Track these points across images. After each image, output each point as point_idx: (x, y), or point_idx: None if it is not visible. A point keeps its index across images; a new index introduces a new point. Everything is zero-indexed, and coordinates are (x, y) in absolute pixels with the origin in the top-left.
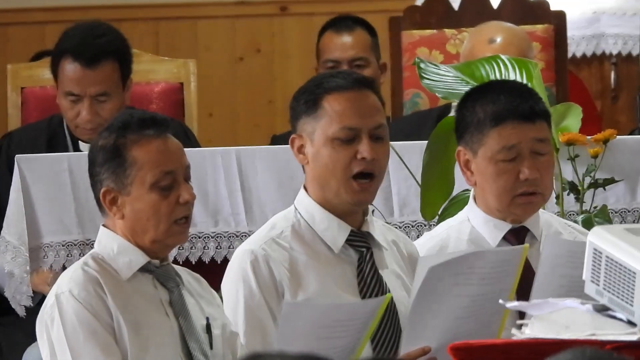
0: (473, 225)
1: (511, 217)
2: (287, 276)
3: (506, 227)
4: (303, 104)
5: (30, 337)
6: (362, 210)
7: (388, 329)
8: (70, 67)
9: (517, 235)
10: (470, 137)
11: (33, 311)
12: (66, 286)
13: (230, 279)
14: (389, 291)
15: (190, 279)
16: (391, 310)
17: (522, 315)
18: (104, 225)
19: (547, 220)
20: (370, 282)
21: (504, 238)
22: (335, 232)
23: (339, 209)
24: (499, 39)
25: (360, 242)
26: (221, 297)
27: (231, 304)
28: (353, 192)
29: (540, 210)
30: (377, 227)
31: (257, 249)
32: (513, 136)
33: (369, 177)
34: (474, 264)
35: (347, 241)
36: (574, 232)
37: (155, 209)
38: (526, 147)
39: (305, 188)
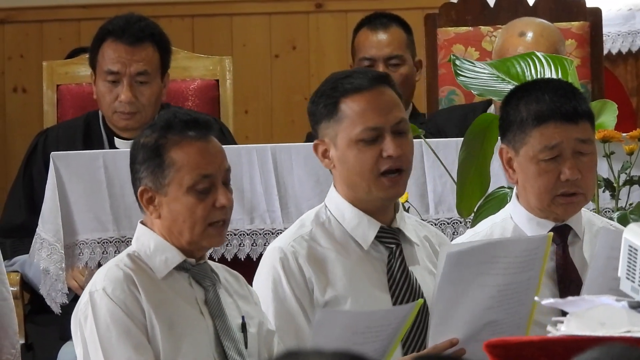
0: (516, 223)
1: (552, 216)
2: (316, 274)
3: (549, 225)
4: (322, 108)
5: (64, 336)
6: (392, 207)
7: (420, 330)
8: (112, 47)
9: (560, 233)
10: (513, 136)
11: (67, 310)
12: (100, 284)
13: (261, 277)
14: (419, 288)
15: (228, 277)
16: (423, 312)
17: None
18: (142, 223)
19: (589, 219)
20: (399, 279)
21: None
22: (365, 228)
23: (369, 206)
24: (529, 32)
25: (390, 238)
26: None
27: (263, 303)
28: (384, 189)
29: (583, 209)
30: (409, 223)
31: (285, 246)
32: (555, 136)
33: (397, 172)
34: (497, 252)
35: (377, 238)
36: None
37: (191, 211)
38: (568, 147)
39: (335, 187)
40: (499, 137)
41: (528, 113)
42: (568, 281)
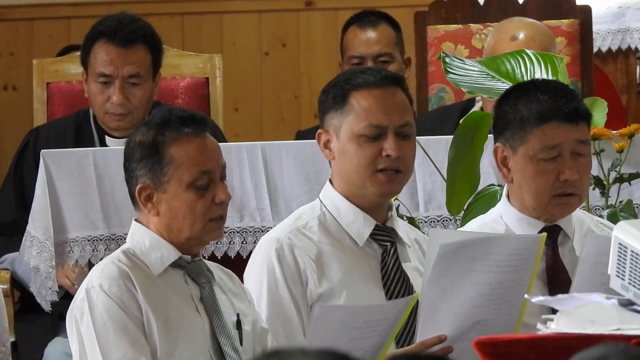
0: (506, 223)
1: (546, 216)
2: (311, 266)
3: (539, 225)
4: (331, 98)
5: (49, 334)
6: (387, 206)
7: (411, 326)
8: (104, 49)
9: (550, 233)
10: (511, 135)
11: (56, 309)
12: (97, 281)
13: (254, 267)
14: (412, 285)
15: (221, 275)
16: (415, 309)
17: (554, 310)
18: (136, 220)
19: (580, 218)
20: (394, 276)
21: None
22: (361, 225)
23: (364, 203)
24: (521, 36)
25: (385, 236)
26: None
27: (255, 292)
28: (379, 184)
29: None
30: (400, 224)
31: (282, 237)
32: (556, 136)
33: (394, 171)
34: (490, 249)
35: (372, 235)
36: (606, 229)
37: (191, 208)
38: (568, 147)
39: (331, 182)
40: (489, 136)
41: (529, 112)
42: (558, 282)
